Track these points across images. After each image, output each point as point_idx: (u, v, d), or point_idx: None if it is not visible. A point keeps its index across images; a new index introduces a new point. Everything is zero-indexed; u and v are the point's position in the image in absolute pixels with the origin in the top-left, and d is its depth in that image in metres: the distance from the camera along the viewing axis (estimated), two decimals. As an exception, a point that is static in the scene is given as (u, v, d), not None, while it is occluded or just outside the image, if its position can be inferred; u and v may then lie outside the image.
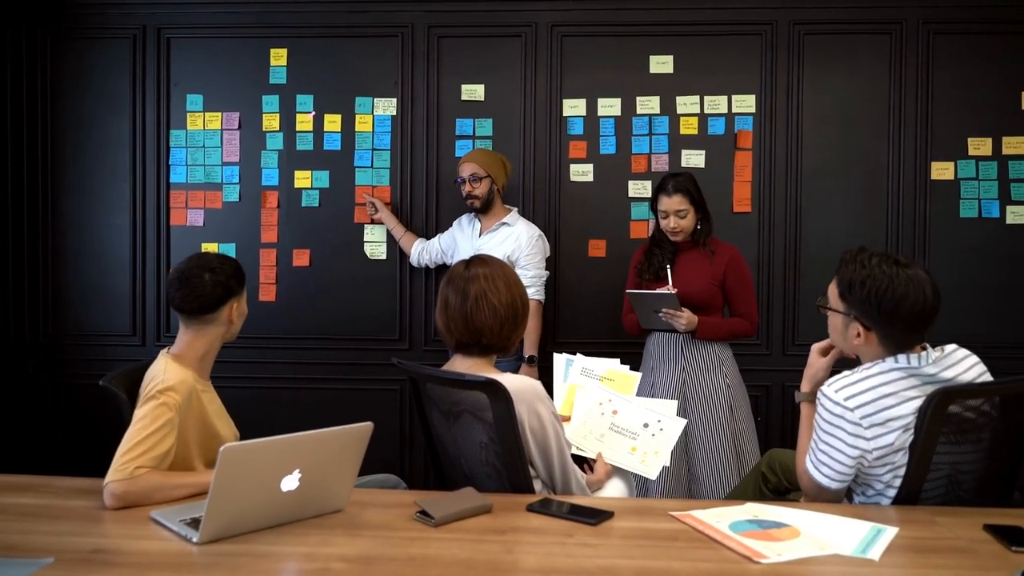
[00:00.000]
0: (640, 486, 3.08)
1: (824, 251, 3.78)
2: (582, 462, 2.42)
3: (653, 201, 3.24)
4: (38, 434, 4.07)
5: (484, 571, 1.48)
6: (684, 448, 3.18)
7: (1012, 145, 3.79)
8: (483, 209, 3.52)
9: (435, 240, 3.77)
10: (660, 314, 3.09)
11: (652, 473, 2.38)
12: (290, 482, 1.66)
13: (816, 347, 2.16)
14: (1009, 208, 3.80)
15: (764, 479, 2.58)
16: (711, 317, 3.17)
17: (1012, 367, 2.57)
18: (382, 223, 3.90)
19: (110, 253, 4.06)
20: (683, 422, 2.46)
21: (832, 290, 2.01)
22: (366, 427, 1.76)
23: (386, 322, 3.98)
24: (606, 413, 2.51)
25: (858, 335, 1.94)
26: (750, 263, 3.77)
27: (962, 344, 3.65)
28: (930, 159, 3.81)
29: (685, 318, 3.08)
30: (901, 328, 1.88)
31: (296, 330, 4.01)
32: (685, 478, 3.18)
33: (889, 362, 1.89)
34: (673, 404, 2.54)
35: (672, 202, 3.16)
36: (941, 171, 3.82)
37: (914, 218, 3.82)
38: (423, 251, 3.77)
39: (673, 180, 3.18)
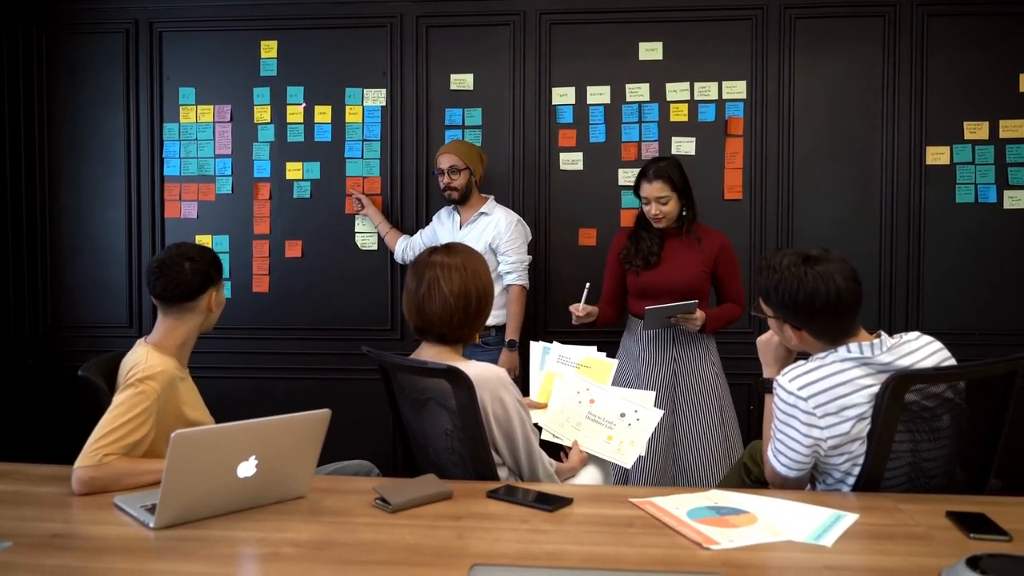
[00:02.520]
0: (624, 479, 3.07)
1: (817, 238, 3.73)
2: (558, 449, 2.43)
3: (636, 187, 3.19)
4: (39, 426, 4.13)
5: (430, 556, 1.49)
6: (671, 440, 3.15)
7: (1009, 128, 3.73)
8: (461, 201, 3.54)
9: (417, 236, 3.77)
10: (671, 319, 3.06)
11: (628, 462, 2.38)
12: (247, 468, 1.68)
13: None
14: (1007, 193, 3.74)
15: (747, 470, 2.57)
16: (711, 309, 3.14)
17: (1010, 355, 2.54)
18: (368, 218, 3.91)
19: (106, 246, 4.11)
20: (660, 413, 2.45)
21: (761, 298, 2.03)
22: (324, 414, 1.76)
23: (378, 312, 3.99)
24: (583, 402, 2.51)
25: (793, 336, 1.96)
26: (742, 250, 3.76)
27: (958, 332, 3.68)
28: (925, 144, 3.76)
29: (700, 320, 3.06)
30: (824, 322, 1.90)
31: (289, 321, 4.04)
32: (671, 471, 3.15)
33: (842, 351, 1.88)
34: (650, 395, 2.53)
35: (653, 188, 3.09)
36: (936, 156, 3.77)
37: (909, 204, 3.77)
38: (407, 248, 3.77)
39: (655, 166, 3.12)
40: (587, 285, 3.07)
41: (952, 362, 1.92)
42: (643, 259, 3.18)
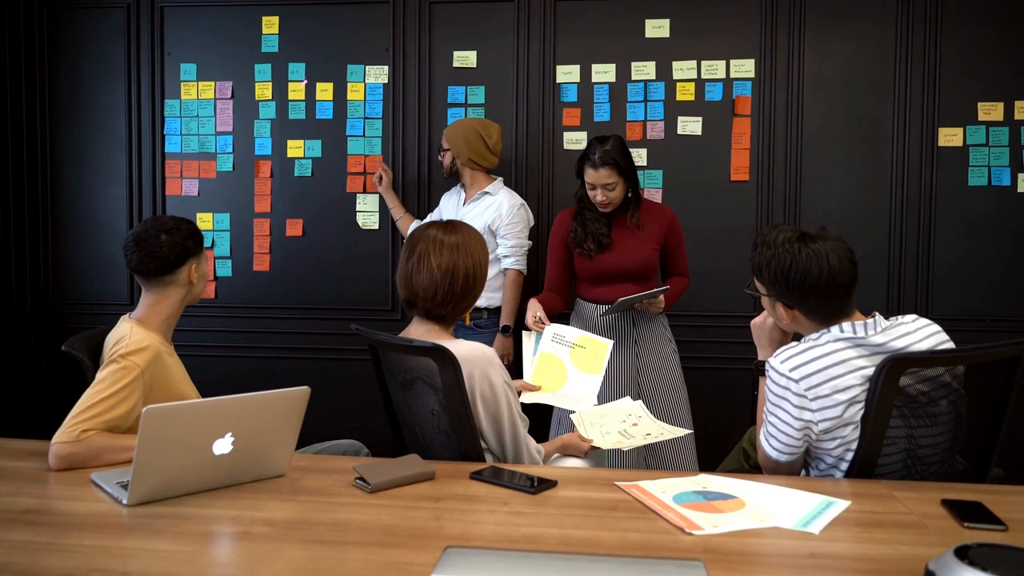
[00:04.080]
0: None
1: (825, 220, 3.66)
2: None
3: (579, 169, 3.03)
4: (40, 402, 4.14)
5: (404, 537, 1.46)
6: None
7: (1025, 110, 3.64)
8: (451, 178, 3.55)
9: (429, 219, 3.71)
10: (637, 304, 2.98)
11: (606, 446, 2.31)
12: (223, 446, 1.65)
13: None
14: (1021, 176, 3.64)
15: (745, 455, 2.54)
16: (667, 288, 3.06)
17: (1011, 340, 2.47)
18: (380, 194, 3.86)
19: (107, 223, 4.09)
20: (654, 439, 2.37)
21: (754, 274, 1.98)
22: (302, 391, 1.73)
23: (378, 292, 3.96)
24: (626, 421, 2.43)
25: (784, 315, 1.92)
26: (748, 233, 3.70)
27: (969, 318, 3.60)
28: (937, 125, 3.66)
29: (663, 302, 3.00)
30: (816, 302, 1.85)
31: (290, 300, 4.01)
32: (642, 452, 3.06)
33: (835, 331, 1.83)
34: (689, 432, 2.49)
35: (599, 176, 2.93)
36: (949, 137, 3.67)
37: (920, 186, 3.68)
38: None
39: (600, 149, 2.93)
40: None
41: (950, 345, 1.86)
42: (595, 242, 3.04)
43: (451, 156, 3.47)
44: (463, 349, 1.94)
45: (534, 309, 2.87)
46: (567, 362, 2.61)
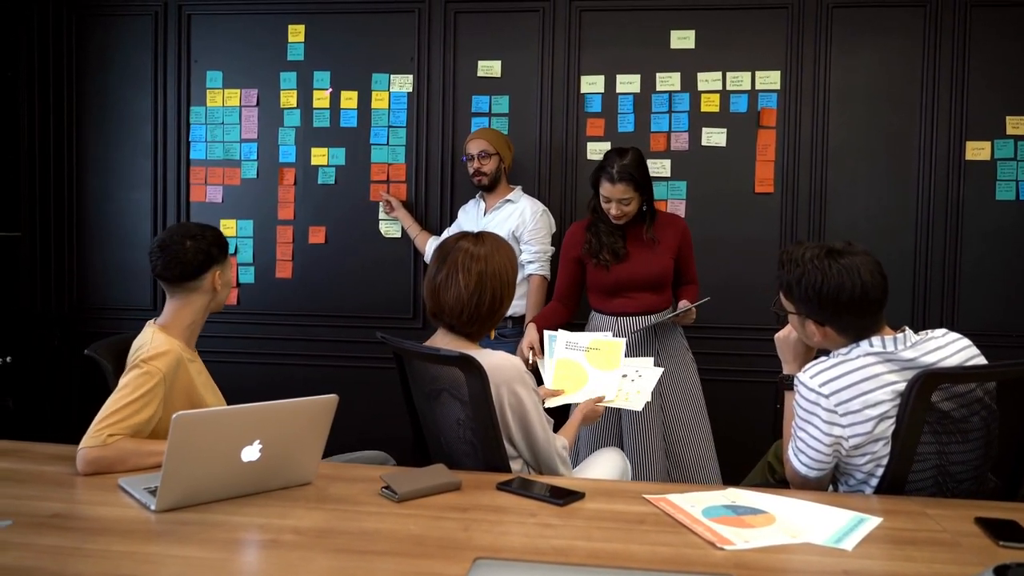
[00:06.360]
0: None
1: (850, 233, 3.62)
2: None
3: (595, 181, 3.01)
4: (63, 405, 4.16)
5: (433, 547, 1.45)
6: (662, 435, 3.04)
7: (1054, 124, 3.60)
8: (489, 187, 3.49)
9: (445, 234, 3.71)
10: (670, 318, 2.99)
11: (638, 406, 2.41)
12: (251, 453, 1.65)
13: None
14: (1050, 191, 3.61)
15: (771, 469, 2.51)
16: (708, 299, 3.05)
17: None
18: (397, 220, 3.88)
19: (132, 228, 4.12)
20: (660, 370, 2.51)
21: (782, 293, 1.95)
22: (330, 399, 1.73)
23: (400, 300, 3.96)
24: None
25: (816, 332, 1.89)
26: (772, 245, 3.68)
27: (995, 333, 3.55)
28: (965, 138, 3.63)
29: (695, 313, 2.99)
30: (850, 317, 1.82)
31: (311, 307, 4.02)
32: (665, 465, 3.05)
33: (864, 346, 1.81)
34: (648, 359, 2.58)
35: (616, 191, 2.92)
36: (976, 151, 3.63)
37: (946, 200, 3.65)
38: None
39: (617, 164, 2.91)
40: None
41: (981, 360, 1.83)
42: (611, 253, 3.03)
43: (497, 161, 3.46)
44: (491, 360, 1.93)
45: (528, 338, 2.92)
46: (585, 364, 2.61)
